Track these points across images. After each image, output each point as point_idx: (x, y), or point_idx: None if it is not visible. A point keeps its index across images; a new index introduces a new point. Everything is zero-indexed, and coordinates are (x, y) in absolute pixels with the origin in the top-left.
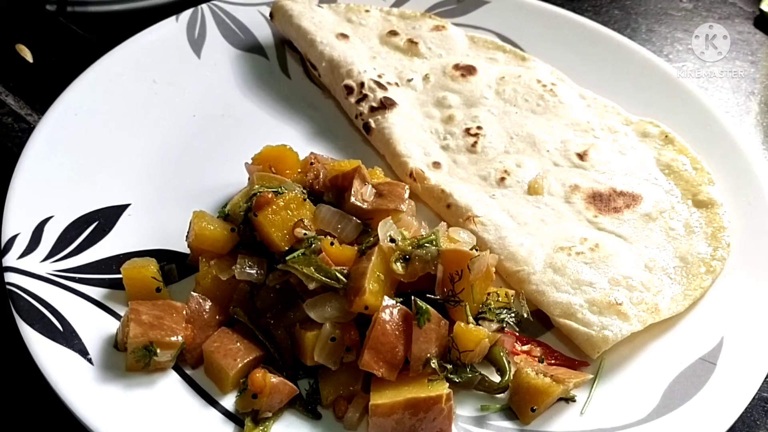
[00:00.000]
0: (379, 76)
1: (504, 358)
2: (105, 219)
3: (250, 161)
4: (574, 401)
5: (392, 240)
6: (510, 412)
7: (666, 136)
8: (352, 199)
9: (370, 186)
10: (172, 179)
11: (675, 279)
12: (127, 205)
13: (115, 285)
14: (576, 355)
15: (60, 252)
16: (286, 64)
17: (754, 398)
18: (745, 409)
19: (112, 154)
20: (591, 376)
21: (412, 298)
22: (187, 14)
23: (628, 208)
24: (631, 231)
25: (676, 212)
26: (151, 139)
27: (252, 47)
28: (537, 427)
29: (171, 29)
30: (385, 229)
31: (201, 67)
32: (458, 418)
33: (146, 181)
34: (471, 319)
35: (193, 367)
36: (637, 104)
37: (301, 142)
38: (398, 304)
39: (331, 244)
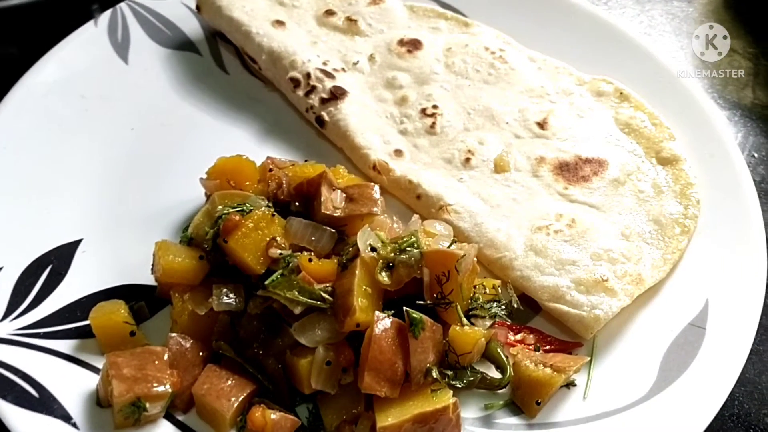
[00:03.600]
0: (324, 64)
1: (502, 354)
2: (59, 260)
3: (203, 174)
4: (575, 385)
5: (373, 249)
6: (514, 407)
7: (621, 93)
8: (323, 209)
9: (339, 191)
10: (121, 203)
11: (652, 244)
12: (79, 241)
13: (85, 333)
14: (568, 335)
15: (18, 307)
16: (221, 59)
17: None
18: None
19: (52, 187)
20: (587, 358)
21: (404, 309)
22: (106, 17)
23: (596, 175)
24: (603, 199)
25: (642, 173)
26: (91, 163)
27: (182, 44)
28: (544, 419)
29: (91, 35)
30: (364, 239)
31: (131, 74)
32: (464, 421)
33: (95, 211)
34: (464, 320)
35: (185, 411)
36: (587, 61)
37: (251, 144)
38: (390, 316)
39: (309, 260)
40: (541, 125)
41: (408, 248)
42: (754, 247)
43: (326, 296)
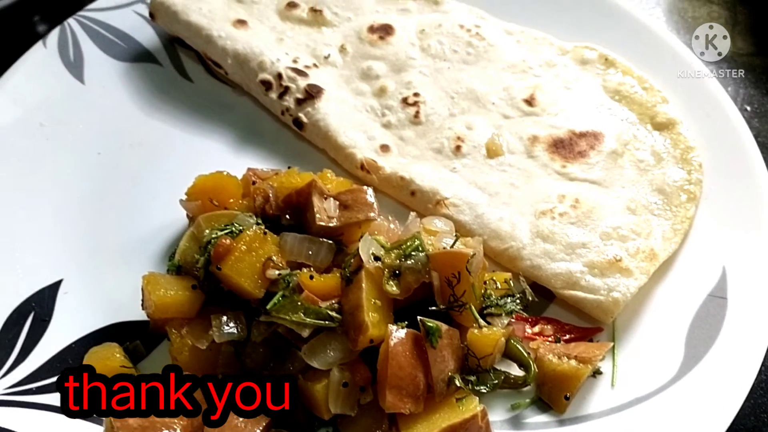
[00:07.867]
0: (294, 61)
1: (523, 351)
2: (40, 306)
3: (182, 194)
4: (601, 373)
5: (376, 258)
6: (542, 403)
7: (606, 59)
8: (318, 221)
9: (332, 200)
10: (98, 236)
11: (660, 215)
12: (59, 282)
13: None
14: (586, 321)
15: (4, 363)
16: (183, 66)
17: None
18: None
19: (20, 227)
20: (610, 343)
21: (419, 318)
22: (54, 35)
23: (592, 150)
24: (603, 173)
25: (639, 141)
26: (59, 195)
27: (139, 55)
28: (574, 413)
29: (41, 57)
30: (366, 249)
31: (89, 94)
32: (492, 425)
33: (71, 247)
34: (480, 320)
35: None
36: (565, 28)
37: (228, 155)
38: (404, 328)
39: (311, 277)
40: (529, 102)
41: (413, 253)
42: (764, 205)
43: (334, 314)
